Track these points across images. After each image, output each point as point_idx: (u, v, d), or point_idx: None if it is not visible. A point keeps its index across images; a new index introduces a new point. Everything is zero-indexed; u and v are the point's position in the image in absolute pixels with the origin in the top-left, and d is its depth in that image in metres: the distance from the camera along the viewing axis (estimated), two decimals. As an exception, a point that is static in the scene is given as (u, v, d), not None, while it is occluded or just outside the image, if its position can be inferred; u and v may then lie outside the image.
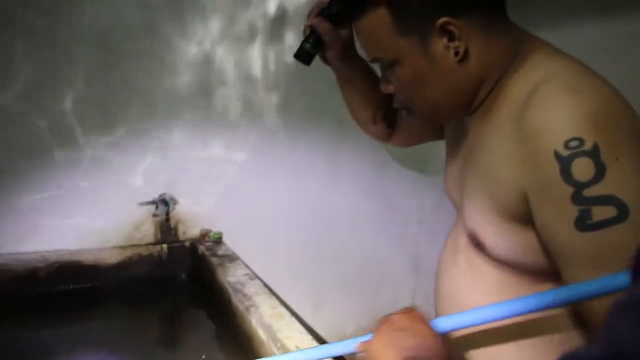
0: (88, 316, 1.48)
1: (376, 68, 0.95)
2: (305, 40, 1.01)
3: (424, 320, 0.68)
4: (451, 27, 0.75)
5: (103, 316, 1.48)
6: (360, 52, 0.98)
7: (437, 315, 0.96)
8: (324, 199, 2.07)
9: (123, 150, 1.69)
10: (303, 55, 1.01)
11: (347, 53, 1.07)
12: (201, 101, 1.79)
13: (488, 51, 0.77)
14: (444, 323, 0.71)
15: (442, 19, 0.75)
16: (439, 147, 2.09)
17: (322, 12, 0.99)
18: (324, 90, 1.98)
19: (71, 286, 1.64)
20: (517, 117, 0.72)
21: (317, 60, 1.07)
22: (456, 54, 0.77)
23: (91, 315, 1.48)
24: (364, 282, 2.24)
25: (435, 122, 0.88)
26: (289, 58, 1.87)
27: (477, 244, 0.82)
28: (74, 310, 1.51)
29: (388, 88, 0.86)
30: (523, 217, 0.73)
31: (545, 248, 0.72)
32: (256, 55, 1.85)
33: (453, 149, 0.95)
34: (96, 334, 1.38)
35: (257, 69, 1.85)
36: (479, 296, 0.84)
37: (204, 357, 1.25)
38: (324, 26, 0.98)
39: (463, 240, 0.88)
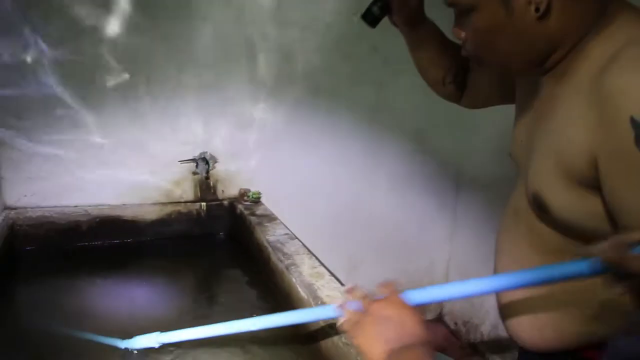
0: (127, 270, 1.50)
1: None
2: (373, 3, 1.03)
3: (405, 306, 0.73)
4: None
5: (142, 271, 1.50)
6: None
7: (496, 271, 0.96)
8: (363, 163, 2.06)
9: (166, 107, 1.70)
10: (369, 18, 1.04)
11: (415, 19, 1.07)
12: (245, 63, 1.78)
13: (570, 12, 0.74)
14: (418, 296, 0.76)
15: None
16: (480, 116, 2.05)
17: None
18: (365, 55, 1.95)
19: (112, 241, 1.68)
20: (595, 80, 0.69)
21: (360, 24, 1.06)
22: (537, 10, 0.73)
23: (130, 270, 1.51)
24: (399, 248, 2.23)
25: (503, 73, 0.87)
26: (328, 21, 1.83)
27: (539, 207, 0.80)
28: (114, 264, 1.54)
29: (459, 34, 0.84)
30: (589, 182, 0.71)
31: (611, 215, 0.70)
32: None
33: (523, 112, 0.93)
34: (134, 288, 1.40)
35: (297, 31, 1.82)
36: (539, 258, 0.84)
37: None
38: None
39: (524, 204, 0.87)
